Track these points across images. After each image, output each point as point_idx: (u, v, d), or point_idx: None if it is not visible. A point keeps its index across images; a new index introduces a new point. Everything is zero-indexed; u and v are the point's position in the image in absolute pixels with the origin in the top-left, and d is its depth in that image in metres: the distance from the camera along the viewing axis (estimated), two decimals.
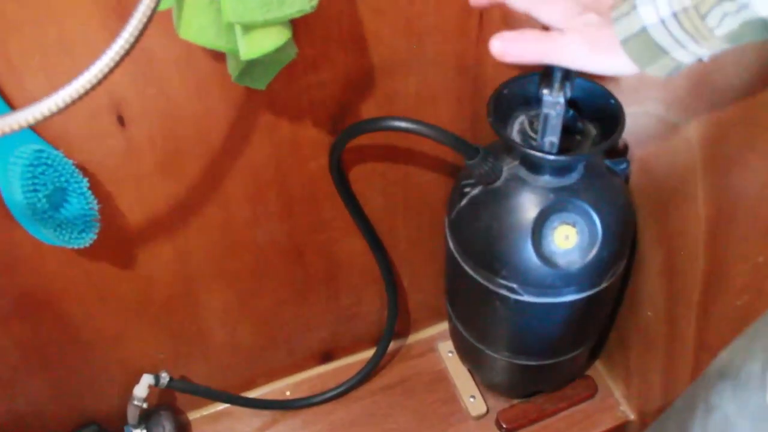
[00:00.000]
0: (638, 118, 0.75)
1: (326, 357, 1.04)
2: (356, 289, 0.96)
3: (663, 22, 0.45)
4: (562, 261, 0.71)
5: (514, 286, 0.73)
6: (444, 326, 1.06)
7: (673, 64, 0.48)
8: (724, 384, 0.39)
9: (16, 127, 0.47)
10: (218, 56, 0.66)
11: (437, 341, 1.05)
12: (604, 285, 0.75)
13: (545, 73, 0.61)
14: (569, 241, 0.71)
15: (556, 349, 0.83)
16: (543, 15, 0.53)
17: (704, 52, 0.46)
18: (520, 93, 0.72)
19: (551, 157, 0.65)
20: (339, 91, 0.74)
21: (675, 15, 0.44)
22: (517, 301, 0.74)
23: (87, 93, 0.49)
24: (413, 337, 1.07)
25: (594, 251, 0.71)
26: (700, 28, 0.44)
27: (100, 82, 0.49)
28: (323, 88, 0.72)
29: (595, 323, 0.85)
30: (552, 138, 0.64)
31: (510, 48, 0.53)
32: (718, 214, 0.69)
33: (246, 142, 0.74)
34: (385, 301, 0.96)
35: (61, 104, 0.48)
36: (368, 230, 0.87)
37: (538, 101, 0.70)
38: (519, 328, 0.79)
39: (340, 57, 0.71)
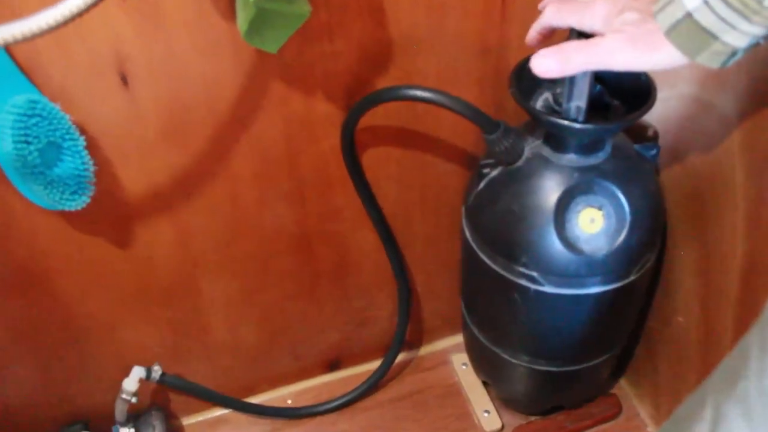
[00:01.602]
0: (670, 103, 0.71)
1: (333, 365, 0.98)
2: (368, 291, 0.91)
3: (707, 2, 0.42)
4: (586, 247, 0.66)
5: (535, 274, 0.68)
6: (458, 339, 0.99)
7: (726, 50, 0.45)
8: None
9: None
10: (230, 16, 0.63)
11: (451, 353, 0.99)
12: (632, 278, 0.69)
13: (571, 33, 0.57)
14: (595, 225, 0.66)
15: (578, 353, 0.77)
16: (585, 24, 0.53)
17: (758, 30, 0.43)
18: None
19: (577, 126, 0.60)
20: (354, 64, 0.70)
21: None
22: (537, 293, 0.69)
23: (74, 17, 0.46)
24: (425, 349, 1.01)
25: (621, 237, 0.66)
26: (748, 2, 0.41)
27: (88, 9, 0.46)
28: (338, 59, 0.69)
29: (621, 325, 0.79)
30: (579, 103, 0.59)
31: (553, 64, 0.53)
32: (759, 198, 0.63)
33: (256, 114, 0.70)
34: (397, 306, 0.91)
35: (44, 26, 0.45)
36: (381, 223, 0.82)
37: (563, 78, 0.66)
38: (539, 325, 0.74)
39: (356, 26, 0.68)
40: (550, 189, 0.66)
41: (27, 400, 0.83)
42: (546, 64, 0.53)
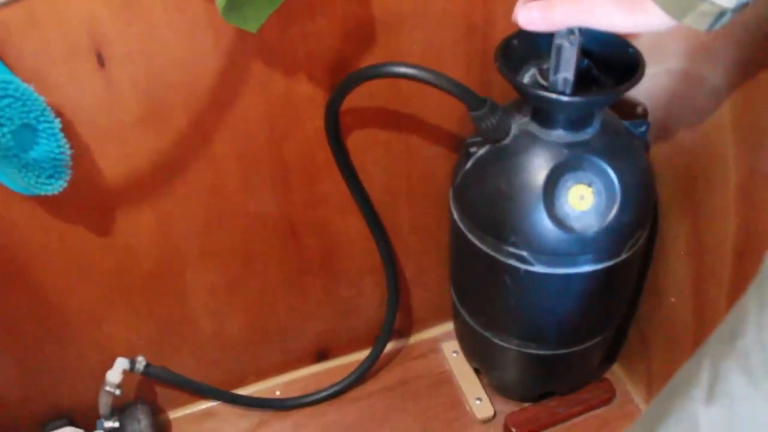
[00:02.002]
0: (658, 79, 0.70)
1: (321, 355, 0.96)
2: (355, 279, 0.89)
3: None
4: (577, 224, 0.65)
5: (525, 254, 0.67)
6: (448, 327, 0.98)
7: (714, 10, 0.43)
8: None
9: None
10: None
11: (441, 341, 0.98)
12: (623, 257, 0.68)
13: None
14: (585, 201, 0.65)
15: (570, 336, 0.76)
16: None
17: None
18: (530, 45, 0.67)
19: (565, 98, 0.59)
20: (337, 43, 0.69)
21: None
22: (527, 273, 0.68)
23: None
24: (415, 338, 1.00)
25: (612, 214, 0.65)
26: None
27: None
28: (321, 38, 0.68)
29: (613, 306, 0.78)
30: (566, 74, 0.58)
31: (536, 16, 0.53)
32: (751, 173, 0.62)
33: (237, 96, 0.69)
34: (385, 294, 0.89)
35: None
36: (368, 208, 0.81)
37: (549, 53, 0.65)
38: (530, 307, 0.72)
39: (338, 4, 0.66)
40: (538, 166, 0.65)
41: (7, 397, 0.81)
42: (530, 15, 0.53)
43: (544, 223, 0.65)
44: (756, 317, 0.34)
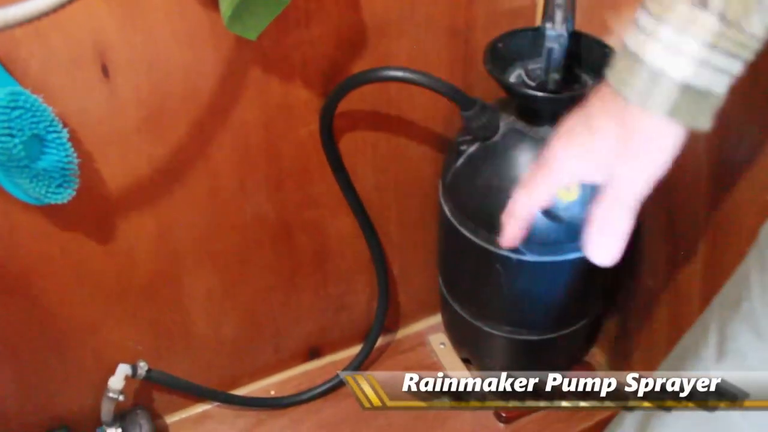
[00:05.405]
0: None
1: (313, 353, 0.98)
2: (345, 277, 0.92)
3: (702, 63, 0.38)
4: (565, 214, 0.69)
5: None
6: (434, 320, 1.02)
7: (716, 102, 0.41)
8: None
9: None
10: (209, 4, 0.64)
11: (427, 335, 1.01)
12: None
13: (546, 8, 0.60)
14: (571, 193, 0.69)
15: (558, 320, 0.81)
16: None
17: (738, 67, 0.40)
18: (513, 47, 0.71)
19: (556, 95, 0.64)
20: (331, 49, 0.72)
21: (711, 45, 0.38)
22: (520, 262, 0.72)
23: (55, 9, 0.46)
24: (402, 332, 1.03)
25: None
26: (745, 41, 0.38)
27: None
28: (315, 45, 0.71)
29: (597, 290, 0.83)
30: (556, 75, 0.62)
31: (611, 239, 0.48)
32: (720, 155, 0.68)
33: (235, 103, 0.71)
34: (374, 291, 0.92)
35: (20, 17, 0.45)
36: (359, 208, 0.84)
37: (531, 54, 0.70)
38: (521, 294, 0.76)
39: (333, 11, 0.70)
40: (527, 160, 0.69)
41: (5, 408, 0.81)
42: (607, 243, 0.48)
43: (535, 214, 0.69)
44: (759, 280, 0.38)
